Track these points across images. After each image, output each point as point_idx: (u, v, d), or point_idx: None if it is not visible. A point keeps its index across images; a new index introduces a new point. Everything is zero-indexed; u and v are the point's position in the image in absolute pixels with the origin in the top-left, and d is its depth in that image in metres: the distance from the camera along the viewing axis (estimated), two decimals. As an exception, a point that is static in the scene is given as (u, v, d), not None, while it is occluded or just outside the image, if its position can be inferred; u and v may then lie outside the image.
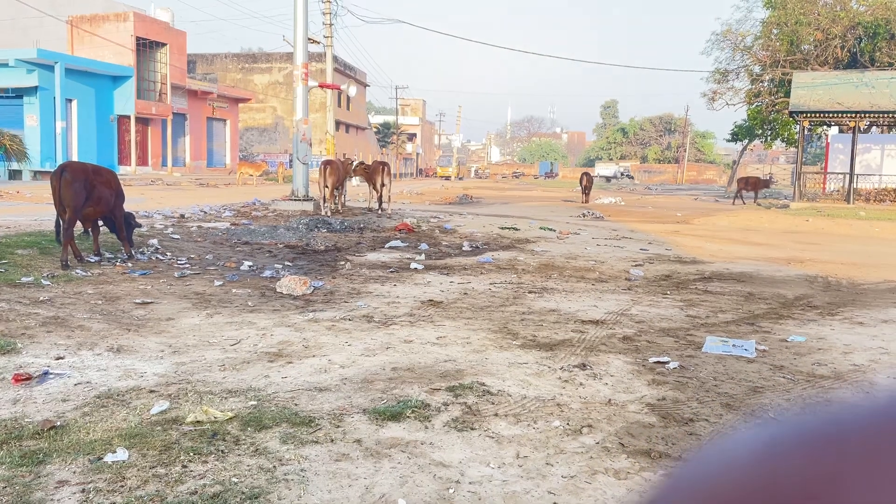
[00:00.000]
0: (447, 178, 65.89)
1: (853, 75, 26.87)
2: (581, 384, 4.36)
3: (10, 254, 7.87)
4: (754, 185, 29.34)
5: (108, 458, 3.05)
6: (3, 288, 6.46)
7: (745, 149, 46.38)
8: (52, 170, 9.03)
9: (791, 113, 26.61)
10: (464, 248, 11.21)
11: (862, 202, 24.17)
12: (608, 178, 72.31)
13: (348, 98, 50.31)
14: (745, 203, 28.29)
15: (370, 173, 17.86)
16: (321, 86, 22.28)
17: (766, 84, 36.78)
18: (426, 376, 4.42)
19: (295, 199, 17.42)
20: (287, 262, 9.24)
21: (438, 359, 4.83)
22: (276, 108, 53.19)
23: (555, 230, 14.35)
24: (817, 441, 0.29)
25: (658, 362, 4.86)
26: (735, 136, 42.21)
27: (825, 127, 29.21)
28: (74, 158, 29.69)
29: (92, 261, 8.29)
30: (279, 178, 35.36)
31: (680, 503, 0.31)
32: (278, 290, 7.17)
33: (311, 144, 17.79)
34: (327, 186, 15.94)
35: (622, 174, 75.05)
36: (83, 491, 2.78)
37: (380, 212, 17.01)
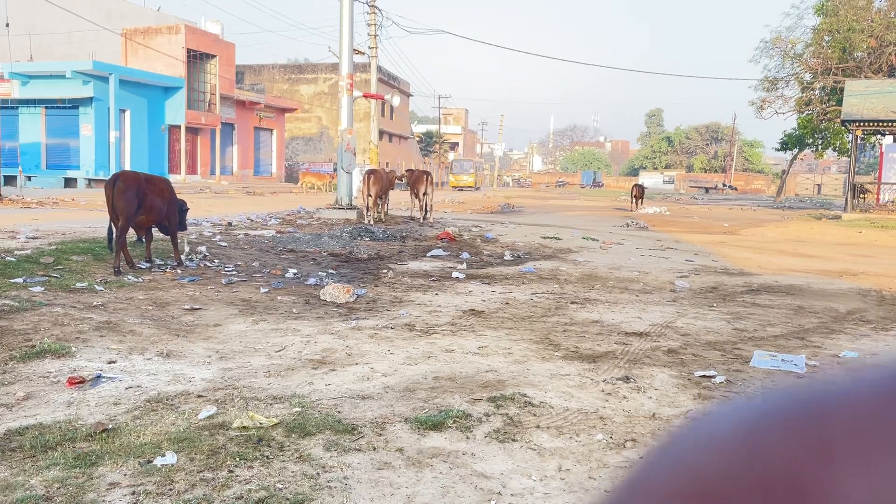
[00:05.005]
0: (460, 188, 53.68)
1: (909, 83, 26.06)
2: (624, 397, 4.31)
3: (66, 260, 8.13)
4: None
5: (158, 461, 3.13)
6: (59, 293, 6.67)
7: (794, 158, 45.33)
8: (106, 178, 9.29)
9: (843, 122, 25.96)
10: (505, 258, 11.19)
11: (918, 213, 23.40)
12: (707, 189, 70.31)
13: (391, 108, 50.79)
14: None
15: (413, 182, 17.99)
16: (365, 96, 22.53)
17: (816, 92, 35.98)
18: (468, 386, 4.42)
19: (339, 208, 17.62)
20: (331, 270, 9.34)
21: (480, 369, 4.83)
22: (321, 117, 53.96)
23: (598, 240, 14.22)
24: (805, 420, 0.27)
25: (704, 376, 4.77)
26: (784, 146, 41.32)
27: (879, 136, 28.37)
28: (127, 167, 30.59)
29: (143, 267, 8.51)
30: (323, 188, 35.88)
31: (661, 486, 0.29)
32: (322, 297, 7.26)
33: (355, 154, 17.99)
34: (371, 195, 16.10)
35: (723, 185, 72.68)
36: (133, 493, 2.85)
37: (422, 220, 17.10)
